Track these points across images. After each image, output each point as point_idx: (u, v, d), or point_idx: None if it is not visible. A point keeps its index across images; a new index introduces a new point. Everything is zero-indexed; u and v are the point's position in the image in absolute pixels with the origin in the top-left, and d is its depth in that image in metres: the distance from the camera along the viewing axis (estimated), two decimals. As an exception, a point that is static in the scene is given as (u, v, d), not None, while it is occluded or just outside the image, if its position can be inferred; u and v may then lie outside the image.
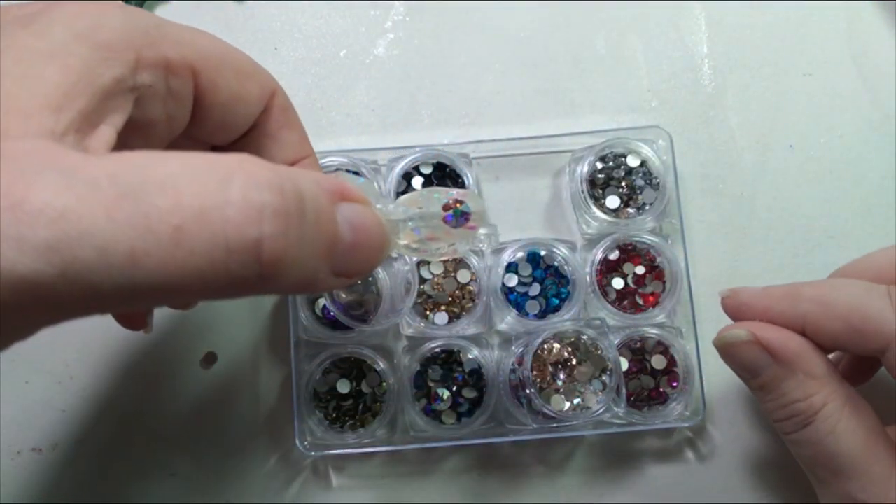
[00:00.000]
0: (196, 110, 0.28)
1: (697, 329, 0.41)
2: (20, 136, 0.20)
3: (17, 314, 0.18)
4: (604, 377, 0.38)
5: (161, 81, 0.25)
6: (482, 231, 0.29)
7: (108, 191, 0.19)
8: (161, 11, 0.46)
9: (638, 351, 0.41)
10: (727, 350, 0.34)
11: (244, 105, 0.29)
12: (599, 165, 0.42)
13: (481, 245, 0.31)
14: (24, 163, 0.19)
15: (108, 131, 0.23)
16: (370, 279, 0.38)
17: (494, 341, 0.42)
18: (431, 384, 0.40)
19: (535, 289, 0.41)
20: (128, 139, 0.25)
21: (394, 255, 0.36)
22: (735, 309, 0.35)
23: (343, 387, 0.40)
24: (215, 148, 0.31)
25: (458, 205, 0.28)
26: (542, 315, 0.40)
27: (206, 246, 0.19)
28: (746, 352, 0.33)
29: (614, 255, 0.41)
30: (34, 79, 0.21)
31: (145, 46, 0.25)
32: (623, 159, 0.42)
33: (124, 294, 0.19)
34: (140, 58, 0.24)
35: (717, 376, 0.42)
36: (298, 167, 0.31)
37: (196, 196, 0.19)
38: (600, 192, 0.42)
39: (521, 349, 0.39)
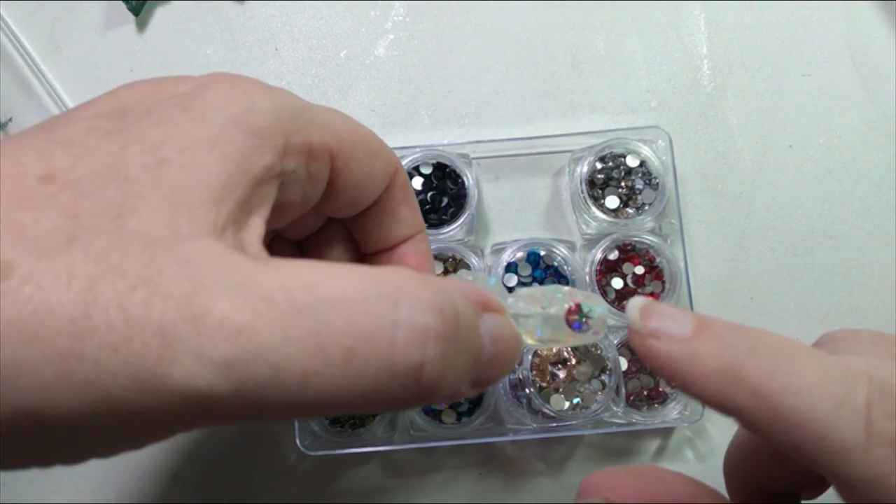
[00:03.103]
0: (328, 190, 0.27)
1: (697, 329, 0.41)
2: (189, 235, 0.20)
3: (185, 423, 0.19)
4: (603, 377, 0.38)
5: (303, 166, 0.25)
6: None
7: (282, 307, 0.18)
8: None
9: (637, 351, 0.41)
10: None
11: (372, 184, 0.28)
12: (599, 166, 0.42)
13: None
14: (199, 270, 0.19)
15: (259, 224, 0.23)
16: None
17: (494, 341, 0.42)
18: (431, 384, 0.40)
19: (535, 289, 0.41)
20: None
21: None
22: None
23: (343, 386, 0.40)
24: (330, 220, 0.31)
25: (583, 310, 0.27)
26: (542, 315, 0.41)
27: (374, 368, 0.19)
28: None
29: (614, 255, 0.41)
30: (197, 169, 0.21)
31: (293, 132, 0.24)
32: (622, 159, 0.42)
33: (289, 410, 0.19)
34: (288, 144, 0.24)
35: (716, 376, 0.42)
36: (411, 243, 0.31)
37: (367, 317, 0.19)
38: (600, 192, 0.42)
39: (520, 349, 0.39)
